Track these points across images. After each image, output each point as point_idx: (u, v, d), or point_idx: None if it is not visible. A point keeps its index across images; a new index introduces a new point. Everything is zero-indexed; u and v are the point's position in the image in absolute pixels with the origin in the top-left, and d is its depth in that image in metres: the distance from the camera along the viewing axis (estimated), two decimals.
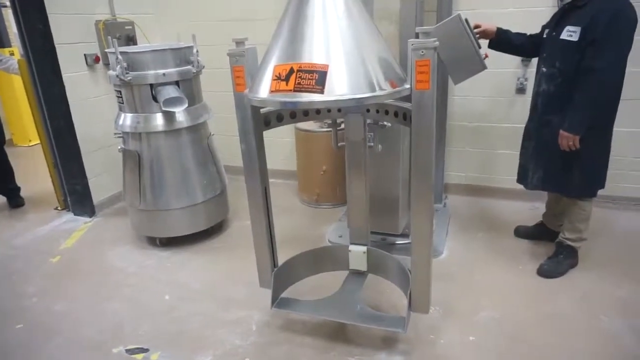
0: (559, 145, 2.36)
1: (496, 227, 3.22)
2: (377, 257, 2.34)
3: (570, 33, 2.25)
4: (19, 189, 4.14)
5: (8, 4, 3.40)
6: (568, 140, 2.29)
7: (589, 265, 2.68)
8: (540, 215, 3.02)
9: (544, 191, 2.78)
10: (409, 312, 1.98)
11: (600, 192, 2.54)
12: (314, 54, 1.60)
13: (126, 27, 3.80)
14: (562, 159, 2.41)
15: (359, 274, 2.39)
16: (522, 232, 3.06)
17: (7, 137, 4.25)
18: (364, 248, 2.35)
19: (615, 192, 3.32)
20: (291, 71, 1.60)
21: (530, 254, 2.84)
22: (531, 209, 3.42)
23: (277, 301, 2.20)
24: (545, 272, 2.61)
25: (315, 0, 1.67)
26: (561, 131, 2.31)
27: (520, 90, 3.35)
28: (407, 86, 1.69)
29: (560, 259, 2.64)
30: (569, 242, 2.63)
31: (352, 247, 2.37)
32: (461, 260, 2.83)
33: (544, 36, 2.49)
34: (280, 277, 2.23)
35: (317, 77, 1.57)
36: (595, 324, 2.23)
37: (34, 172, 4.73)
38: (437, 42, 1.60)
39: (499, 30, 2.59)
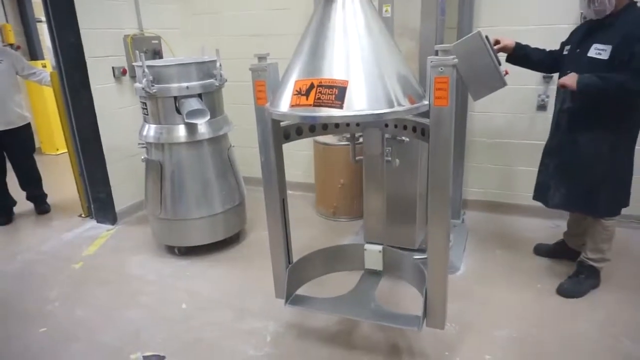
0: (585, 164, 2.35)
1: (515, 244, 3.18)
2: (392, 256, 2.33)
3: (599, 51, 2.23)
4: (45, 195, 4.28)
5: (43, 19, 3.56)
6: (570, 82, 2.22)
7: (611, 286, 2.62)
8: (560, 233, 2.97)
9: (566, 210, 2.75)
10: (424, 311, 1.95)
11: (624, 211, 2.50)
12: (334, 70, 1.64)
13: (153, 42, 3.93)
14: (589, 178, 2.38)
15: (374, 274, 2.38)
16: (542, 250, 3.01)
17: (36, 145, 4.41)
18: (380, 247, 2.34)
19: (639, 212, 3.24)
20: (311, 86, 1.64)
21: (550, 273, 2.79)
22: (552, 226, 3.36)
23: (291, 298, 2.19)
24: (565, 291, 2.56)
25: (336, 18, 1.72)
26: (573, 73, 2.25)
27: (542, 107, 3.32)
28: (426, 102, 1.71)
29: (581, 279, 2.59)
30: (591, 262, 2.57)
31: (367, 246, 2.36)
32: (479, 277, 2.80)
33: (565, 52, 2.48)
34: (295, 273, 2.22)
35: (337, 93, 1.60)
36: (617, 347, 2.17)
37: (60, 180, 4.88)
38: (456, 60, 1.61)
39: (518, 45, 2.60)
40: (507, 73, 2.32)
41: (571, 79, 2.23)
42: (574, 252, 2.77)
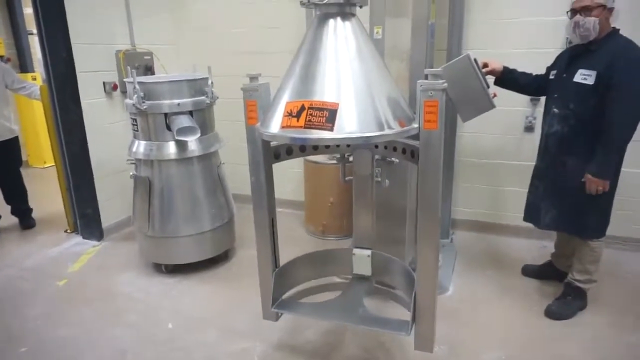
0: (574, 187, 2.37)
1: (503, 264, 3.19)
2: (381, 261, 2.31)
3: (584, 76, 2.29)
4: (31, 210, 4.21)
5: (35, 31, 3.55)
6: (598, 185, 2.29)
7: (598, 308, 2.63)
8: (548, 254, 3.00)
9: (557, 231, 2.78)
10: (413, 316, 1.93)
11: (609, 232, 2.54)
12: (325, 93, 1.66)
13: (145, 57, 3.93)
14: (579, 201, 2.41)
15: (362, 280, 2.35)
16: (529, 271, 3.02)
17: (23, 158, 4.35)
18: (369, 251, 2.32)
19: (624, 233, 3.29)
20: (302, 108, 1.65)
21: (539, 294, 2.80)
22: (540, 247, 3.39)
23: (278, 302, 2.15)
24: (553, 313, 2.57)
25: (328, 40, 1.74)
26: (589, 176, 2.30)
27: (529, 128, 3.38)
28: (416, 125, 1.72)
29: (568, 300, 2.60)
30: (578, 284, 2.59)
31: (356, 251, 2.34)
32: (467, 298, 2.80)
33: (551, 77, 2.53)
34: (282, 277, 2.19)
35: (328, 115, 1.61)
36: None
37: (46, 194, 4.80)
38: (445, 84, 1.64)
39: (506, 69, 2.65)
40: (495, 95, 2.36)
41: (597, 184, 2.28)
42: (561, 273, 2.79)
